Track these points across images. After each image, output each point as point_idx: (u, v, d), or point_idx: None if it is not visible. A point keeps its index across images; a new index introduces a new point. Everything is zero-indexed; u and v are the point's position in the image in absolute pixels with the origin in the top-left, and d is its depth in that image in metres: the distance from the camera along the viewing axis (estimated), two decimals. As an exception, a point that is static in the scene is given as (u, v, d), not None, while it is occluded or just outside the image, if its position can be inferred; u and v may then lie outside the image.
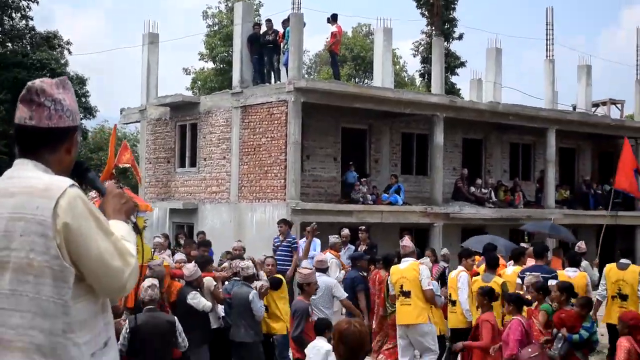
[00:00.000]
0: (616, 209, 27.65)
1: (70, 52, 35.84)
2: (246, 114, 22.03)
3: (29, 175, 2.91)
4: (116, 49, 74.62)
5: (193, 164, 24.22)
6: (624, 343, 8.20)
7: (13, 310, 2.79)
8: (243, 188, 21.97)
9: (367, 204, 21.84)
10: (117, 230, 2.98)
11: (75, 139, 3.06)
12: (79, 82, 34.97)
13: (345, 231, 17.49)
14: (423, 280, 10.49)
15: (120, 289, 2.93)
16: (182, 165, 24.78)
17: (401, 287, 10.64)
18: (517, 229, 25.35)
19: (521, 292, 10.21)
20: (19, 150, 2.99)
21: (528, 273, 10.83)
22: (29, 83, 2.99)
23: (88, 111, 35.17)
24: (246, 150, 21.95)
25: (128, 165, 12.45)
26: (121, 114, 28.24)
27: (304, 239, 17.48)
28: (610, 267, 11.80)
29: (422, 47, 44.68)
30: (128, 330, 7.66)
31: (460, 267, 11.61)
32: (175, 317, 8.19)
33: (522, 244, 15.11)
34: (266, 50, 22.42)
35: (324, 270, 10.65)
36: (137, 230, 3.20)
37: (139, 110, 26.59)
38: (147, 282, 8.06)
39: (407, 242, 11.26)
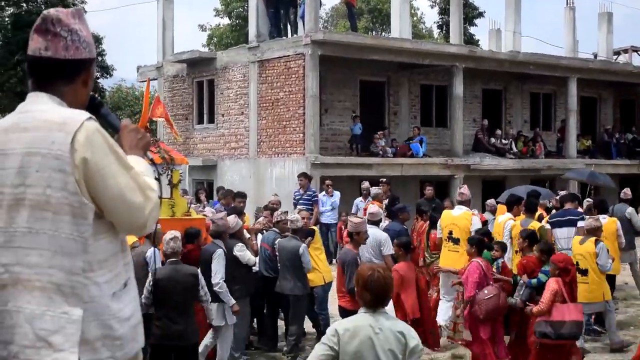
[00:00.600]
0: (638, 158, 27.50)
1: (85, 12, 35.67)
2: (263, 69, 21.86)
3: (43, 109, 2.79)
4: (131, 5, 74.43)
5: (211, 120, 24.15)
6: (552, 284, 8.43)
7: (31, 249, 2.69)
8: (262, 143, 21.90)
9: (387, 157, 21.72)
10: (136, 165, 2.87)
11: (91, 71, 2.95)
12: (95, 40, 34.61)
13: (366, 184, 17.45)
14: (474, 231, 10.64)
15: (142, 226, 2.83)
16: (200, 121, 24.71)
17: (450, 233, 10.84)
18: (537, 179, 25.20)
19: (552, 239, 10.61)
20: (33, 82, 2.88)
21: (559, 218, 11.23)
22: (44, 12, 2.86)
23: (105, 70, 35.06)
24: (264, 105, 21.83)
25: (162, 119, 12.37)
26: (138, 71, 28.09)
27: (324, 192, 17.48)
28: None
29: (440, -2, 44.07)
30: (151, 282, 7.65)
31: (508, 214, 11.65)
32: (199, 270, 8.16)
33: (560, 192, 15.26)
34: (282, 3, 22.16)
35: (376, 222, 10.63)
36: (154, 165, 3.06)
37: (155, 67, 26.46)
38: (169, 234, 8.00)
39: (465, 190, 11.52)
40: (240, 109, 22.75)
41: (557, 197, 14.19)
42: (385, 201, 16.62)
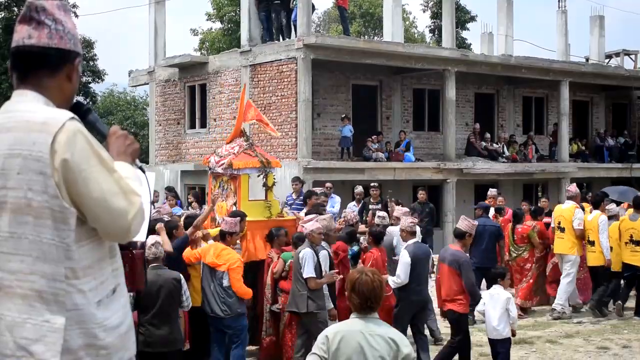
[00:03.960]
0: (630, 161, 27.55)
1: (76, 16, 35.54)
2: (255, 73, 21.80)
3: (27, 109, 2.72)
4: (122, 8, 74.38)
5: (203, 125, 24.06)
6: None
7: (12, 254, 2.62)
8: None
9: (379, 161, 21.68)
10: (121, 170, 2.78)
11: (76, 66, 2.86)
12: (87, 45, 34.72)
13: (359, 188, 17.42)
14: (575, 221, 12.88)
15: (125, 232, 2.72)
16: (192, 126, 24.62)
17: (559, 223, 13.10)
18: (530, 183, 25.22)
19: None
20: (17, 78, 2.81)
21: None
22: (29, 0, 2.79)
23: (96, 75, 34.96)
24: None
25: (255, 122, 12.80)
26: (129, 76, 28.02)
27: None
28: None
29: (432, 2, 44.15)
30: (133, 288, 7.47)
31: (597, 211, 13.19)
32: (181, 275, 8.02)
33: None
34: (274, 7, 22.08)
35: None
36: (144, 172, 2.97)
37: (147, 72, 26.37)
38: (151, 239, 7.84)
39: (572, 187, 13.72)
40: (232, 113, 22.66)
41: None
42: (378, 206, 16.65)
